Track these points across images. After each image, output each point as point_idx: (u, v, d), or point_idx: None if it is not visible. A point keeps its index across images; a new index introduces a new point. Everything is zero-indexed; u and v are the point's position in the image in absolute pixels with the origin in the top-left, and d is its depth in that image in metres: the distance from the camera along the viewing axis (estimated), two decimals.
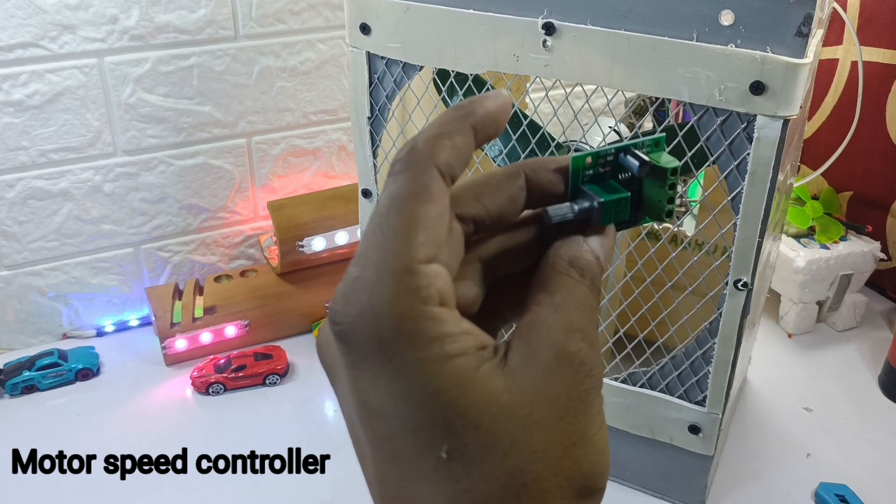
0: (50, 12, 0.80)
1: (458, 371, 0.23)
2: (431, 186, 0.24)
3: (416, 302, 0.23)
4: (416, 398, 0.23)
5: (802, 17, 0.48)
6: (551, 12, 0.55)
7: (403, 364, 0.23)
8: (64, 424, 0.79)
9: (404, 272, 0.23)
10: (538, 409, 0.24)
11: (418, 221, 0.24)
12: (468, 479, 0.23)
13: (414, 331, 0.23)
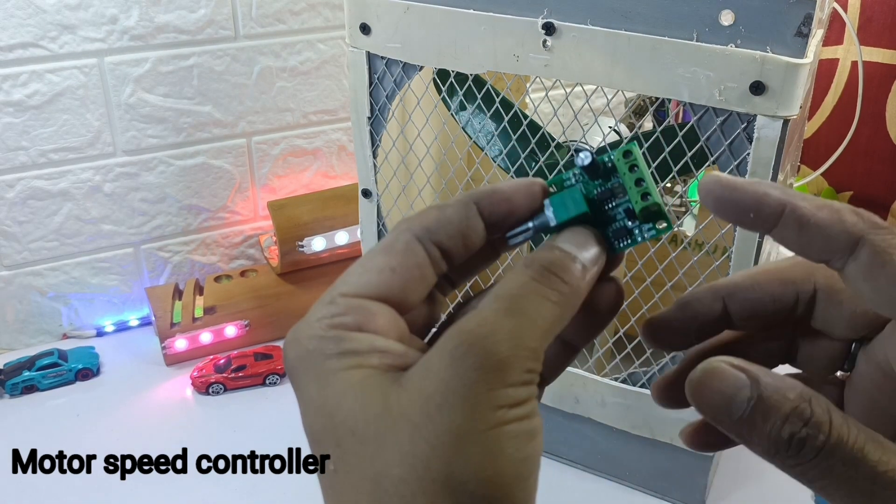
0: (50, 12, 0.80)
1: (346, 381, 0.23)
2: (396, 243, 0.26)
3: (329, 325, 0.24)
4: (312, 409, 0.24)
5: (802, 17, 0.48)
6: (551, 12, 0.55)
7: (309, 379, 0.24)
8: (64, 424, 0.79)
9: (329, 302, 0.25)
10: (412, 407, 0.22)
11: (365, 267, 0.25)
12: (346, 491, 0.23)
13: (320, 348, 0.24)
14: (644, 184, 0.27)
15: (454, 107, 0.67)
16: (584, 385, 0.68)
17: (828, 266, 0.25)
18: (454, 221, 0.26)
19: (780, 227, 0.25)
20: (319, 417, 0.24)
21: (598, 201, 0.28)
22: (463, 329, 0.23)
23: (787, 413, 0.23)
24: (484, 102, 0.66)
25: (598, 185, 0.28)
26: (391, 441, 0.22)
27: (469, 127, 0.68)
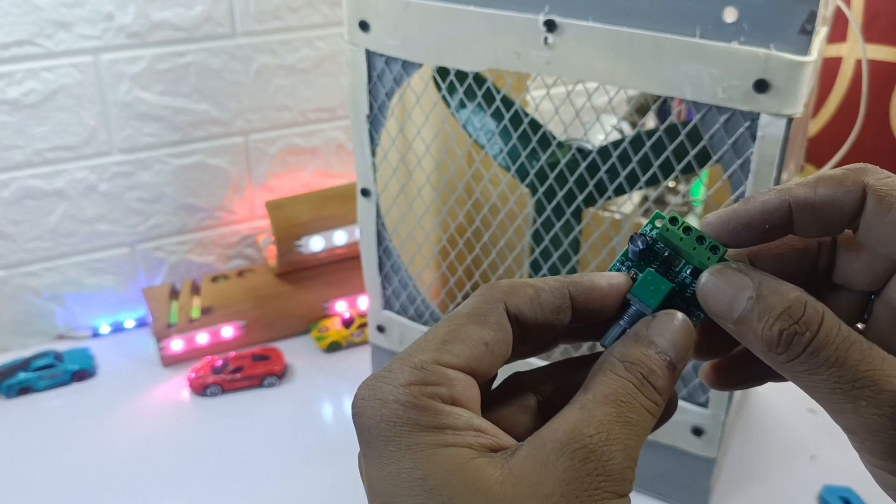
0: (45, 9, 0.79)
1: (449, 459, 0.23)
2: (490, 315, 0.26)
3: (422, 394, 0.24)
4: (407, 484, 0.23)
5: (806, 14, 0.48)
6: (553, 9, 0.55)
7: (398, 447, 0.24)
8: (60, 426, 0.79)
9: (420, 368, 0.24)
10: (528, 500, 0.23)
11: (458, 335, 0.25)
12: None
13: (414, 417, 0.24)
14: (706, 240, 0.27)
15: (454, 105, 0.67)
16: None
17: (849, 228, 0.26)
18: (547, 309, 0.27)
19: (796, 223, 0.26)
20: (418, 491, 0.23)
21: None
22: (581, 432, 0.24)
23: (780, 312, 0.24)
24: (484, 100, 0.65)
25: (652, 264, 0.28)
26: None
27: (469, 125, 0.67)
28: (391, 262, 0.73)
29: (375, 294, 0.76)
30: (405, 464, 0.24)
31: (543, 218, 0.66)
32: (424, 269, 0.74)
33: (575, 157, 0.63)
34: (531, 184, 0.65)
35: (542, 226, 0.66)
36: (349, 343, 0.90)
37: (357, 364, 0.86)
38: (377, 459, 0.24)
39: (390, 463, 0.24)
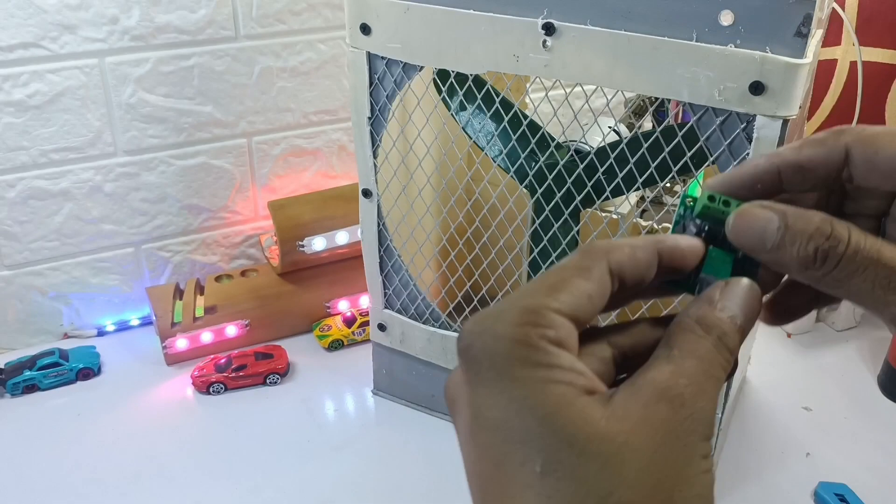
0: (51, 12, 0.80)
1: (558, 394, 0.25)
2: (594, 271, 0.28)
3: (532, 333, 0.26)
4: (517, 411, 0.25)
5: (802, 17, 0.48)
6: (551, 12, 0.56)
7: (510, 379, 0.25)
8: (65, 424, 0.79)
9: (532, 311, 0.26)
10: (634, 439, 0.25)
11: (565, 286, 0.27)
12: (557, 494, 0.24)
13: (525, 354, 0.25)
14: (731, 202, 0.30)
15: (454, 107, 0.67)
16: None
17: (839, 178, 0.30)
18: (641, 265, 0.29)
19: (785, 182, 0.30)
20: (530, 419, 0.25)
21: None
22: (677, 381, 0.26)
23: (811, 233, 0.27)
24: (484, 102, 0.66)
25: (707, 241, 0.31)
26: (615, 465, 0.24)
27: (469, 127, 0.68)
28: (392, 262, 0.74)
29: (377, 293, 0.77)
30: (517, 393, 0.25)
31: (542, 218, 0.66)
32: (425, 269, 0.74)
33: (573, 158, 0.64)
34: (530, 185, 0.66)
35: (541, 226, 0.67)
36: (351, 341, 0.91)
37: (358, 362, 0.87)
38: (488, 390, 0.26)
39: (502, 392, 0.25)
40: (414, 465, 0.74)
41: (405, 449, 0.76)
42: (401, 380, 0.81)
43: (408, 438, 0.78)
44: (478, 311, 0.27)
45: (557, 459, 0.24)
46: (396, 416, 0.80)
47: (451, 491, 0.71)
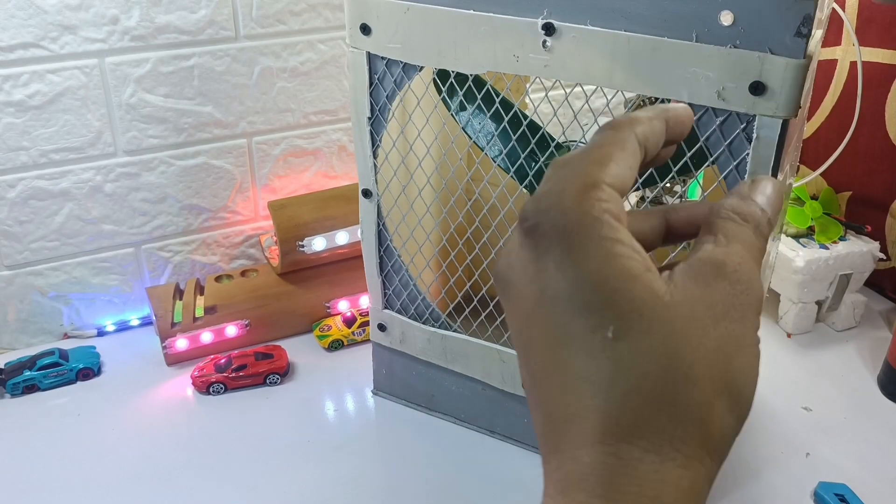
0: (51, 13, 0.80)
1: (626, 267, 0.27)
2: (627, 143, 0.29)
3: (597, 207, 0.27)
4: (590, 282, 0.26)
5: (802, 17, 0.48)
6: (551, 13, 0.56)
7: (582, 252, 0.27)
8: (65, 424, 0.79)
9: (592, 185, 0.28)
10: (696, 309, 0.27)
11: (612, 159, 0.29)
12: (630, 357, 0.26)
13: (592, 227, 0.27)
14: None
15: (454, 107, 0.67)
16: None
17: None
18: (658, 134, 0.31)
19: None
20: (602, 290, 0.26)
21: None
22: (732, 261, 0.28)
23: None
24: (484, 103, 0.66)
25: None
26: (681, 334, 0.26)
27: (469, 127, 0.68)
28: (392, 262, 0.74)
29: (376, 294, 0.77)
30: (589, 267, 0.26)
31: None
32: (425, 269, 0.74)
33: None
34: (530, 185, 0.66)
35: None
36: (351, 341, 0.91)
37: (358, 362, 0.87)
38: (558, 264, 0.27)
39: (574, 265, 0.27)
40: (414, 465, 0.74)
41: (405, 449, 0.76)
42: (401, 380, 0.81)
43: (408, 438, 0.78)
44: (535, 193, 0.29)
45: (629, 326, 0.26)
46: (396, 416, 0.80)
47: (452, 491, 0.71)
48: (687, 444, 0.26)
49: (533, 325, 0.28)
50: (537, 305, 0.28)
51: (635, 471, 0.25)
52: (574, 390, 0.27)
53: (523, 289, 0.28)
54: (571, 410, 0.27)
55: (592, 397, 0.26)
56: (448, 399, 0.78)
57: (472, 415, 0.78)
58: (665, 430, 0.26)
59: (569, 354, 0.27)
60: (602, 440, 0.26)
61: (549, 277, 0.27)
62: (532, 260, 0.28)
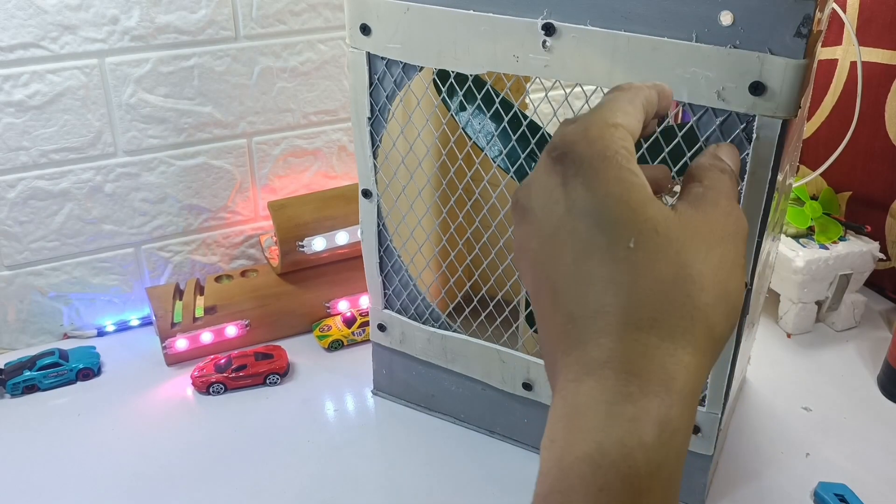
0: (51, 13, 0.80)
1: (643, 192, 0.32)
2: (636, 100, 0.36)
3: (617, 142, 0.33)
4: (614, 202, 0.32)
5: (802, 17, 0.48)
6: (551, 13, 0.56)
7: (605, 177, 0.32)
8: (65, 424, 0.79)
9: (612, 125, 0.34)
10: (700, 231, 0.33)
11: (626, 111, 0.35)
12: (648, 264, 0.31)
13: (614, 158, 0.32)
14: None
15: (454, 107, 0.67)
16: None
17: None
18: (653, 104, 0.38)
19: None
20: (624, 208, 0.32)
21: None
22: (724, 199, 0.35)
23: None
24: (484, 103, 0.66)
25: None
26: (689, 248, 0.32)
27: (469, 127, 0.68)
28: (392, 262, 0.74)
29: (376, 294, 0.77)
30: (612, 189, 0.32)
31: None
32: (425, 269, 0.74)
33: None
34: None
35: None
36: (351, 341, 0.91)
37: (358, 362, 0.87)
38: (586, 185, 0.32)
39: (600, 186, 0.32)
40: (414, 465, 0.74)
41: (405, 449, 0.76)
42: (401, 380, 0.81)
43: (408, 438, 0.78)
44: (562, 128, 0.35)
45: (647, 239, 0.31)
46: (396, 416, 0.80)
47: (452, 491, 0.71)
48: (696, 336, 0.31)
49: (557, 240, 0.33)
50: (563, 222, 0.32)
51: (654, 354, 0.30)
52: (599, 291, 0.31)
53: (548, 210, 0.33)
54: (596, 307, 0.31)
55: (615, 296, 0.31)
56: (448, 399, 0.78)
57: (472, 415, 0.78)
58: (678, 324, 0.31)
59: (594, 262, 0.31)
60: (625, 330, 0.30)
61: (577, 197, 0.32)
62: (559, 184, 0.33)
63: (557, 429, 0.30)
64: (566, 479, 0.29)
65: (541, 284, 0.34)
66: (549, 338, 0.33)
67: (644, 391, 0.29)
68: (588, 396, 0.30)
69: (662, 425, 0.29)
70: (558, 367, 0.32)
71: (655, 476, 0.28)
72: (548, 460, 0.30)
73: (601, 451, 0.28)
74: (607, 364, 0.30)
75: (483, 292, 0.75)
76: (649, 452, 0.28)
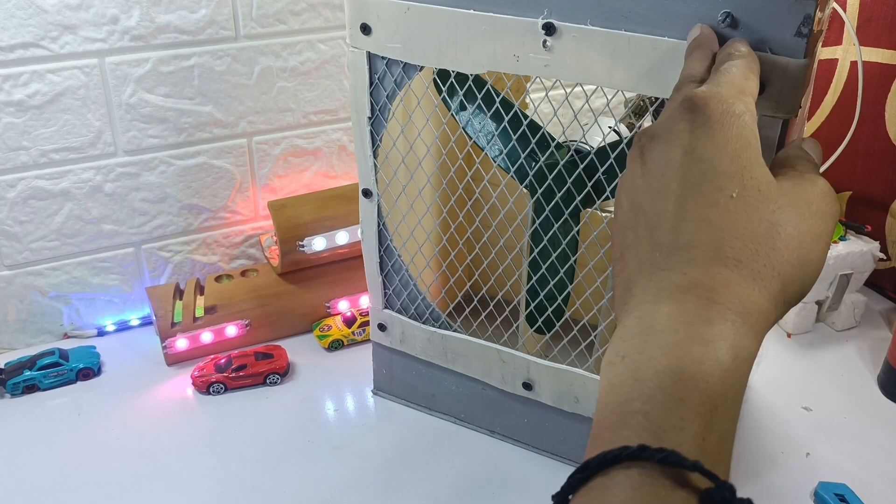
0: (51, 12, 0.80)
1: (756, 155, 0.36)
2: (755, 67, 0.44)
3: (746, 107, 0.38)
4: (730, 156, 0.36)
5: (802, 17, 0.48)
6: (551, 12, 0.56)
7: (728, 133, 0.36)
8: (65, 424, 0.79)
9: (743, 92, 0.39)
10: (798, 201, 0.37)
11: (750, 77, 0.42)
12: (745, 214, 0.34)
13: (741, 119, 0.37)
14: None
15: (454, 107, 0.67)
16: (583, 384, 0.68)
17: None
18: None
19: None
20: (737, 163, 0.35)
21: None
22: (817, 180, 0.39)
23: None
24: (484, 102, 0.66)
25: None
26: (783, 211, 0.36)
27: (469, 127, 0.68)
28: (392, 262, 0.74)
29: (377, 294, 0.77)
30: (732, 144, 0.36)
31: (542, 218, 0.67)
32: (425, 269, 0.74)
33: (573, 158, 0.64)
34: (530, 185, 0.66)
35: (541, 226, 0.67)
36: (351, 341, 0.91)
37: (358, 362, 0.87)
38: (709, 134, 0.36)
39: (721, 140, 0.36)
40: (414, 465, 0.74)
41: (405, 449, 0.76)
42: (401, 380, 0.81)
43: (408, 438, 0.78)
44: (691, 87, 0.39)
45: (749, 194, 0.35)
46: (396, 416, 0.80)
47: (452, 491, 0.71)
48: (772, 287, 0.34)
49: (665, 178, 0.36)
50: (678, 164, 0.36)
51: (734, 289, 0.33)
52: (694, 228, 0.34)
53: (666, 152, 0.37)
54: (688, 241, 0.34)
55: (708, 234, 0.34)
56: (448, 399, 0.78)
57: (472, 415, 0.78)
58: (760, 271, 0.33)
59: (695, 202, 0.35)
60: (711, 264, 0.33)
61: (698, 145, 0.36)
62: (686, 130, 0.37)
63: (629, 346, 0.33)
64: (645, 389, 0.30)
65: (638, 217, 0.37)
66: (632, 265, 0.36)
67: (723, 318, 0.32)
68: (668, 317, 0.32)
69: (736, 351, 0.31)
70: (635, 290, 0.35)
71: (726, 396, 0.31)
72: (618, 374, 0.32)
73: (681, 366, 0.30)
74: (690, 290, 0.33)
75: (483, 292, 0.75)
76: (725, 373, 0.31)
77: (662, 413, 0.29)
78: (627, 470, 0.28)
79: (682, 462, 0.28)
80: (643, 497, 0.28)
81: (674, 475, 0.28)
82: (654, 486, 0.28)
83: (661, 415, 0.29)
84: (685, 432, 0.29)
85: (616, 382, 0.32)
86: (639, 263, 0.36)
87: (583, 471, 0.29)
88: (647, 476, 0.28)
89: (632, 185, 0.38)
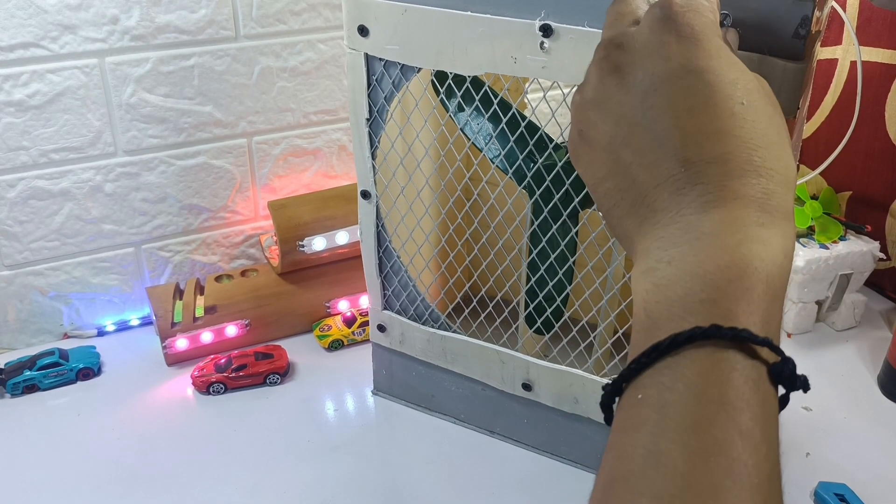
0: (51, 12, 0.80)
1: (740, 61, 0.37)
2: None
3: (712, 18, 0.38)
4: (728, 64, 0.36)
5: (800, 18, 0.48)
6: (548, 14, 0.56)
7: (718, 43, 0.36)
8: (65, 424, 0.80)
9: (713, 10, 0.38)
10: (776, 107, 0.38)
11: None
12: (758, 121, 0.35)
13: (716, 29, 0.37)
14: None
15: (452, 108, 0.67)
16: (583, 385, 0.68)
17: None
18: None
19: None
20: (739, 72, 0.36)
21: None
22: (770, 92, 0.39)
23: None
24: (482, 104, 0.66)
25: None
26: (780, 115, 0.37)
27: (467, 128, 0.68)
28: (391, 263, 0.74)
29: (376, 295, 0.77)
30: (724, 54, 0.36)
31: (541, 219, 0.67)
32: (424, 270, 0.74)
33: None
34: (528, 186, 0.66)
35: (540, 227, 0.67)
36: (351, 341, 0.91)
37: (358, 362, 0.87)
38: (702, 46, 0.36)
39: (715, 50, 0.36)
40: (414, 465, 0.74)
41: (405, 449, 0.76)
42: (401, 380, 0.81)
43: (408, 438, 0.78)
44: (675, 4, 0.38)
45: (755, 99, 0.36)
46: (396, 416, 0.81)
47: (452, 491, 0.71)
48: (792, 188, 0.36)
49: (662, 93, 0.36)
50: (675, 77, 0.36)
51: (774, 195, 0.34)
52: (716, 141, 0.35)
53: (656, 66, 0.36)
54: (713, 155, 0.34)
55: (735, 147, 0.34)
56: (448, 399, 0.78)
57: (472, 415, 0.78)
58: (785, 175, 0.35)
59: (709, 115, 0.35)
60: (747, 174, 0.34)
61: (692, 56, 0.36)
62: (673, 42, 0.36)
63: (677, 251, 0.34)
64: (710, 282, 0.32)
65: (635, 133, 0.36)
66: (644, 181, 0.36)
67: (773, 222, 0.34)
68: (719, 223, 0.33)
69: (786, 251, 0.34)
70: (657, 205, 0.35)
71: (782, 289, 0.33)
72: (667, 276, 0.33)
73: (746, 261, 0.32)
74: (737, 200, 0.34)
75: (483, 293, 0.75)
76: (780, 268, 0.33)
77: (731, 301, 0.31)
78: (700, 348, 0.30)
79: (754, 338, 0.30)
80: (721, 368, 0.30)
81: (745, 350, 0.31)
82: (728, 359, 0.30)
83: (729, 302, 0.31)
84: (753, 316, 0.31)
85: (664, 283, 0.33)
86: (654, 179, 0.35)
87: (649, 355, 0.31)
88: (721, 351, 0.30)
89: (609, 99, 0.38)
